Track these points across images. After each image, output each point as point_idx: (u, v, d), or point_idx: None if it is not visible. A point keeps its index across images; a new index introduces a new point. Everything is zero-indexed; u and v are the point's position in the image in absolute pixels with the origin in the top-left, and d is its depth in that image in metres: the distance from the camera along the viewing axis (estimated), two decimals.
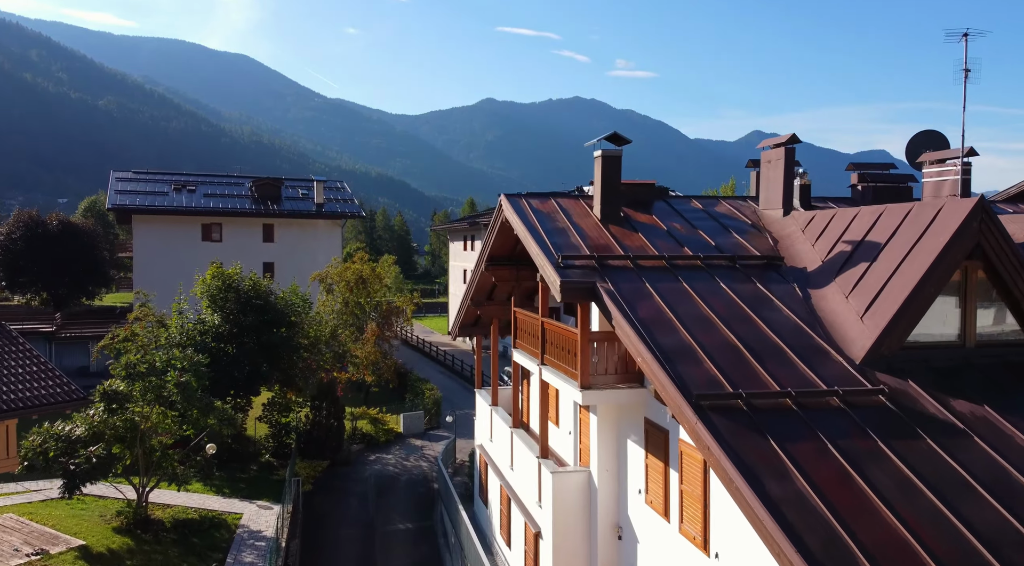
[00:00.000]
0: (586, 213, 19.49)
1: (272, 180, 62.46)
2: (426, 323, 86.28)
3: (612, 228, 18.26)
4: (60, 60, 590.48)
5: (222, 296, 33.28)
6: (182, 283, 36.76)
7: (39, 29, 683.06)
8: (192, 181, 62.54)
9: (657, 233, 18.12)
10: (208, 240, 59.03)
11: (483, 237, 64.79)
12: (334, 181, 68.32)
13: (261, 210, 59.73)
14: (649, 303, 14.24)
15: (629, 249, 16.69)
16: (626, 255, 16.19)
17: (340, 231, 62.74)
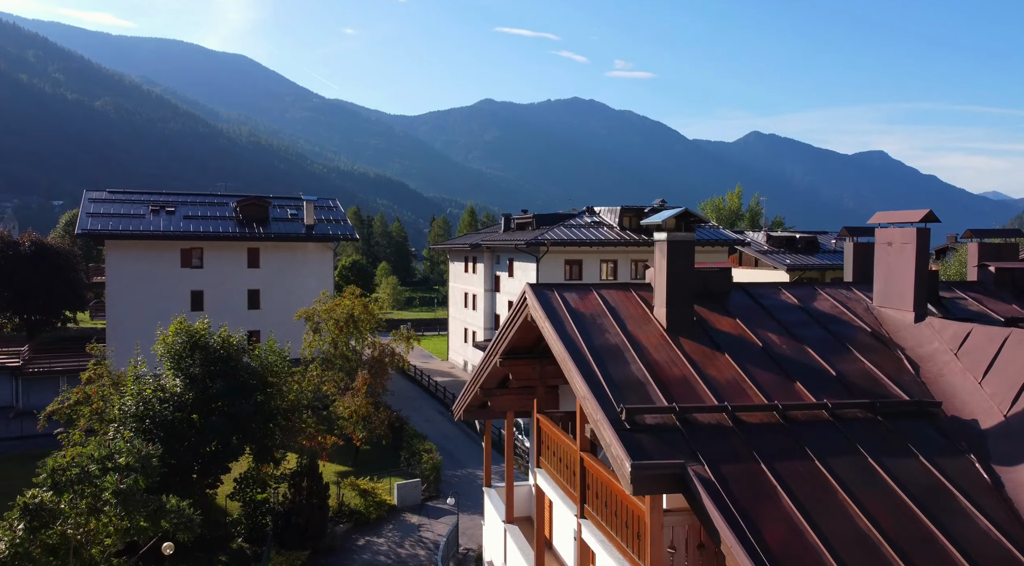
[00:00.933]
0: (644, 316, 14.29)
1: (258, 200, 57.37)
2: (424, 345, 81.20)
3: (685, 344, 13.10)
4: (57, 60, 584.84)
5: (187, 356, 28.21)
6: (140, 342, 31.62)
7: (36, 29, 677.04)
8: (172, 201, 57.43)
9: (750, 352, 12.92)
10: (188, 267, 53.98)
11: (486, 265, 59.74)
12: (325, 199, 63.22)
13: (246, 233, 54.66)
14: (774, 510, 9.02)
15: (719, 388, 11.53)
16: (720, 404, 10.97)
17: (332, 254, 57.71)
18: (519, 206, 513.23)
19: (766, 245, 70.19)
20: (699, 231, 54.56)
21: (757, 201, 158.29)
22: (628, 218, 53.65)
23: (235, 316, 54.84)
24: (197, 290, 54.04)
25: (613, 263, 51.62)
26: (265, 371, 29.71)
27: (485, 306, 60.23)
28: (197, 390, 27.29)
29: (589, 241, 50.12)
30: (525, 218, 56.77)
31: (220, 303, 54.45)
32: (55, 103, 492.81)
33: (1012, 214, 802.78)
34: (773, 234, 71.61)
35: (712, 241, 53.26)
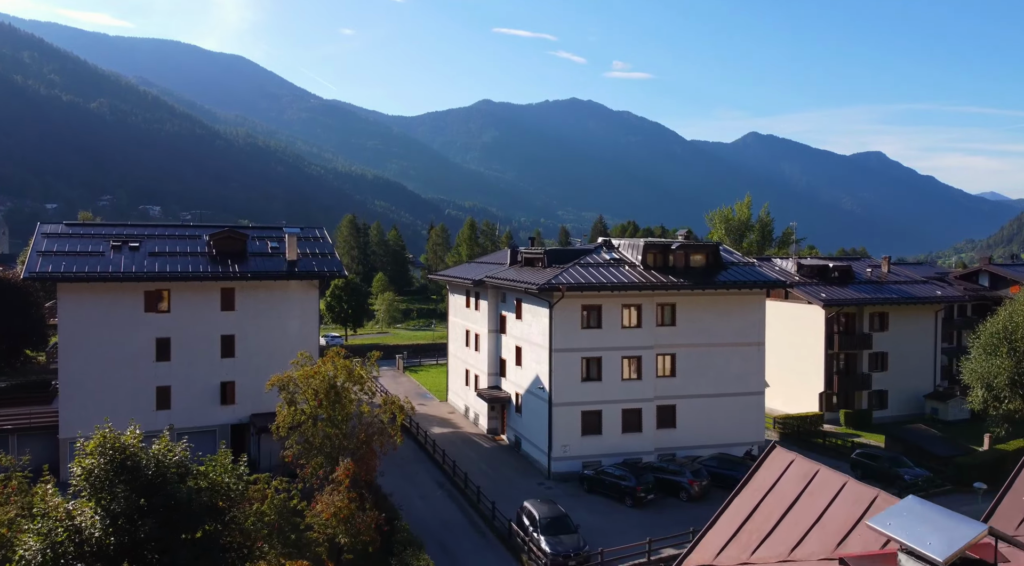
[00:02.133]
0: None
1: (234, 233, 50.57)
2: (420, 379, 74.37)
3: None
4: (53, 61, 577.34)
5: (110, 485, 21.43)
6: (49, 467, 24.86)
7: (33, 30, 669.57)
8: (137, 235, 50.64)
9: None
10: (153, 311, 47.24)
11: (490, 302, 52.97)
12: (311, 229, 56.39)
13: (219, 272, 47.92)
14: None
15: None
16: None
17: (317, 293, 51.00)
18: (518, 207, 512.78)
19: (797, 275, 63.55)
20: (732, 270, 47.90)
21: (767, 211, 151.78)
22: (652, 255, 46.98)
23: (206, 366, 48.34)
24: (163, 337, 47.39)
25: (636, 308, 44.97)
26: (214, 495, 22.96)
27: (489, 349, 53.53)
28: (120, 533, 20.54)
29: (610, 285, 43.44)
30: (534, 253, 50.02)
31: (189, 351, 47.87)
32: (50, 105, 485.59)
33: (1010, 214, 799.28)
34: (803, 262, 65.02)
35: (748, 283, 46.53)
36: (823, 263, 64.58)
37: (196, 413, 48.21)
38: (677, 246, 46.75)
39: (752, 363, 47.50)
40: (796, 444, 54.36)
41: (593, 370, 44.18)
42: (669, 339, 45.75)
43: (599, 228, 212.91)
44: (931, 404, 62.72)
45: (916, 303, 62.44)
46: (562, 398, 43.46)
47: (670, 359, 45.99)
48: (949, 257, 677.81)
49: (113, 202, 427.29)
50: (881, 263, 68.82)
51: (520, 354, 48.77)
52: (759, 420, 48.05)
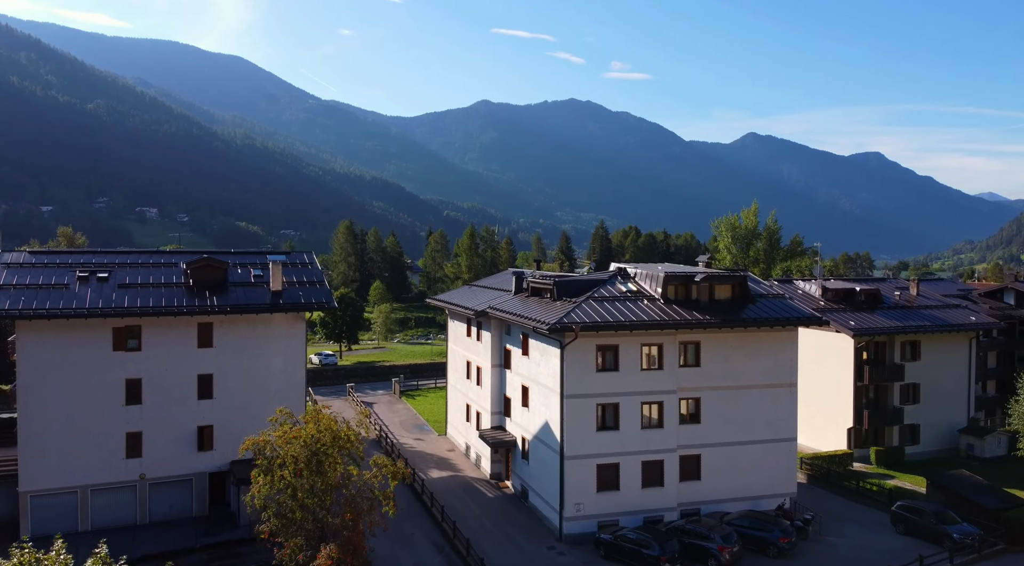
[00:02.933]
0: None
1: (213, 261, 45.81)
2: (418, 406, 69.61)
3: None
4: (50, 62, 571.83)
5: None
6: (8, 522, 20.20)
7: (30, 30, 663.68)
8: (107, 265, 45.94)
9: None
10: (123, 349, 42.57)
11: (493, 334, 48.30)
12: (298, 255, 51.64)
13: (196, 305, 43.23)
14: None
15: None
16: None
17: (304, 326, 46.32)
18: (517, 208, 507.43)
19: (822, 300, 59.06)
20: (762, 304, 43.28)
21: (774, 219, 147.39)
22: (673, 287, 42.37)
23: (182, 408, 43.73)
24: (133, 378, 42.77)
25: (657, 348, 40.35)
26: None
27: (492, 385, 48.90)
28: None
29: (629, 323, 38.81)
30: (542, 283, 45.32)
31: (163, 393, 43.27)
32: (46, 106, 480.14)
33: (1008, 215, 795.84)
34: (829, 285, 60.39)
35: (780, 320, 41.91)
36: (849, 286, 59.98)
37: (170, 461, 43.58)
38: (701, 278, 42.06)
39: (783, 406, 42.92)
40: (827, 488, 49.82)
41: (610, 418, 39.58)
42: (693, 381, 41.14)
43: (600, 234, 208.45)
44: (966, 439, 58.18)
45: (950, 331, 57.90)
46: (575, 450, 38.84)
47: (694, 403, 41.38)
48: (948, 258, 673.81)
49: (110, 204, 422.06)
50: (910, 285, 64.24)
51: (527, 394, 44.15)
52: (791, 469, 43.45)
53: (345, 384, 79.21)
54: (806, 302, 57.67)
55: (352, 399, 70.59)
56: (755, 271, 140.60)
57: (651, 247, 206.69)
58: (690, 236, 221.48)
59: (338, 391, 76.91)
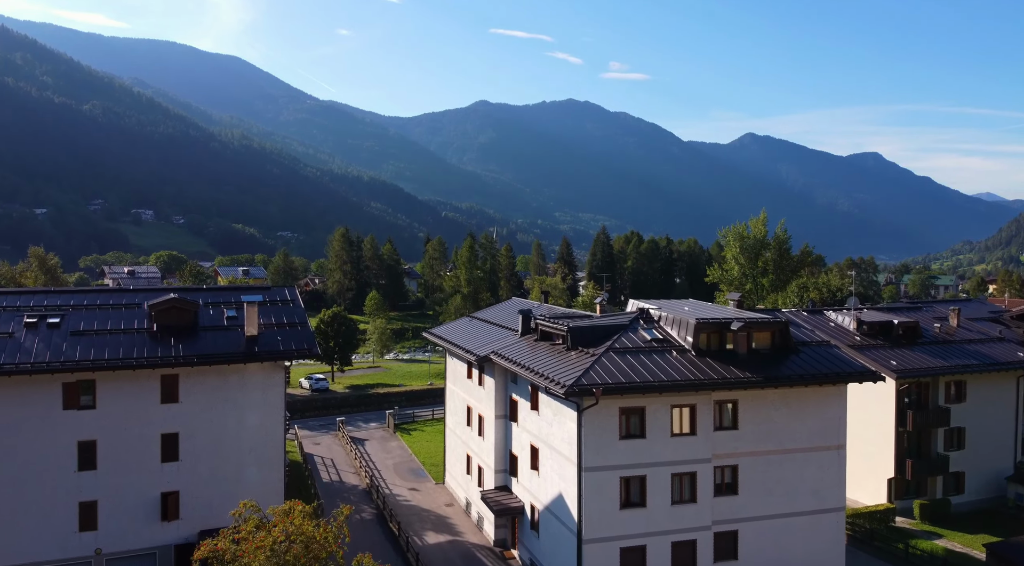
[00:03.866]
0: None
1: (181, 303, 40.08)
2: (413, 444, 63.74)
3: None
4: (46, 63, 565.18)
5: None
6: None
7: (27, 31, 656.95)
8: (60, 307, 40.25)
9: None
10: (74, 407, 36.96)
11: (497, 381, 42.51)
12: (278, 291, 45.86)
13: (159, 357, 37.53)
14: None
15: None
16: None
17: (282, 376, 40.63)
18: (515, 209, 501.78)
19: (857, 334, 53.40)
20: (806, 354, 37.64)
21: (783, 227, 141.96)
22: (706, 336, 36.73)
23: (143, 473, 38.05)
24: (87, 440, 37.18)
25: (690, 409, 34.70)
26: None
27: (496, 438, 43.24)
28: None
29: (658, 385, 33.16)
30: (554, 327, 39.49)
31: (121, 456, 37.64)
32: (41, 107, 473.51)
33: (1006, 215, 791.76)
34: (864, 317, 54.72)
35: (831, 376, 36.27)
36: (887, 319, 54.30)
37: (130, 533, 37.93)
38: (739, 326, 36.34)
39: (831, 472, 37.30)
40: (871, 552, 44.24)
41: (635, 492, 33.91)
42: (730, 446, 35.52)
43: (602, 239, 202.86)
44: (1015, 488, 52.60)
45: (998, 370, 52.32)
46: (595, 532, 33.18)
47: (731, 472, 35.74)
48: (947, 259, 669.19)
49: (105, 206, 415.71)
50: (949, 315, 58.57)
51: (536, 456, 38.49)
52: (838, 543, 37.82)
53: (336, 415, 73.61)
54: (840, 337, 52.10)
55: (342, 435, 64.89)
56: (764, 282, 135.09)
57: (653, 254, 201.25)
58: (693, 242, 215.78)
59: (328, 423, 71.21)
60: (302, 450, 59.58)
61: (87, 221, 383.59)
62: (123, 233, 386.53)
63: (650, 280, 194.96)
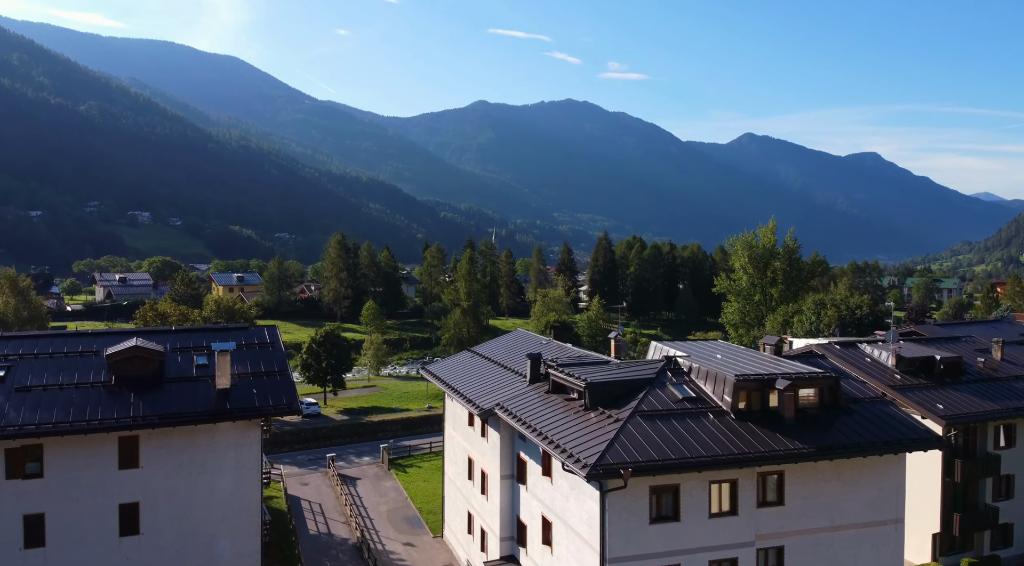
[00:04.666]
0: None
1: (143, 352, 34.91)
2: (409, 485, 58.44)
3: None
4: (42, 63, 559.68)
5: None
6: None
7: (23, 31, 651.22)
8: (6, 358, 35.11)
9: None
10: (18, 477, 31.93)
11: (503, 436, 36.96)
12: (257, 332, 40.67)
13: (114, 418, 32.48)
14: None
15: None
16: None
17: (259, 434, 35.53)
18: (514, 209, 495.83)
19: (897, 372, 48.37)
20: (860, 413, 32.61)
21: (792, 236, 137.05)
22: (745, 394, 31.67)
23: (98, 549, 32.93)
24: (34, 514, 32.19)
25: (730, 485, 29.67)
26: None
27: (502, 502, 38.12)
28: None
29: (696, 461, 28.11)
30: (570, 380, 34.24)
31: (73, 530, 32.61)
32: (37, 108, 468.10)
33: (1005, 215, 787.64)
34: (904, 352, 49.65)
35: (889, 444, 31.23)
36: (928, 354, 49.23)
37: None
38: (786, 386, 31.24)
39: (887, 551, 32.35)
40: None
41: None
42: (775, 525, 30.48)
43: (604, 245, 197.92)
44: None
45: None
46: None
47: (775, 555, 30.73)
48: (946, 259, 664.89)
49: (101, 208, 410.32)
50: (993, 347, 53.51)
51: (549, 531, 33.44)
52: None
53: (326, 447, 68.62)
54: (877, 374, 47.14)
55: (332, 474, 59.77)
56: (773, 292, 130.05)
57: (656, 260, 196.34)
58: (696, 248, 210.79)
59: (318, 457, 66.08)
60: (287, 494, 54.50)
61: (82, 223, 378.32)
62: (119, 236, 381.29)
63: (653, 286, 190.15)
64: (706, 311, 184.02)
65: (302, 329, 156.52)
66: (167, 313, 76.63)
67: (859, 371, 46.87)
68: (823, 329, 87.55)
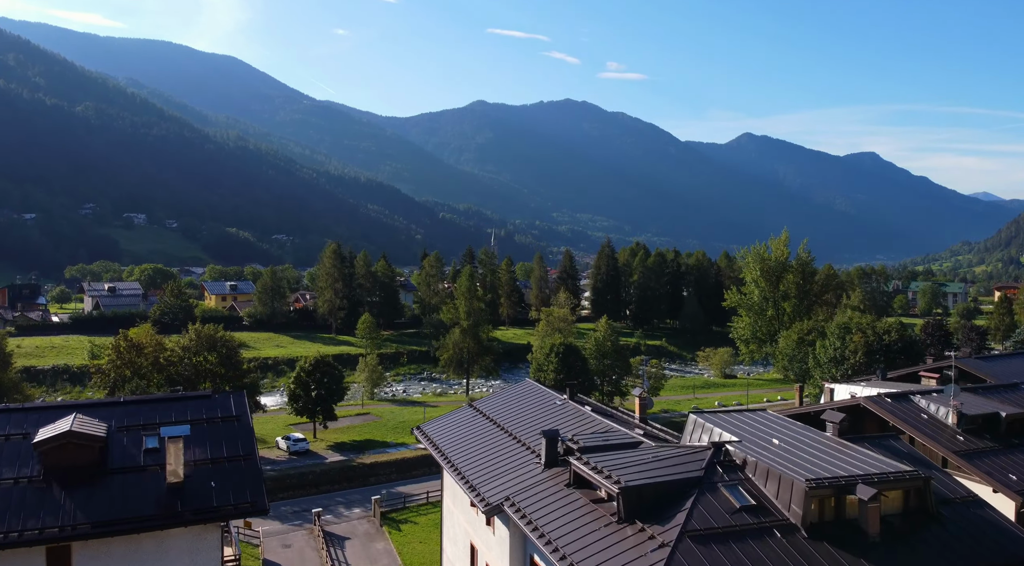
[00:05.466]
0: None
1: (81, 438, 28.48)
2: (403, 547, 51.96)
3: None
4: (38, 64, 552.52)
5: None
6: None
7: (20, 31, 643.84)
8: None
9: None
10: None
11: (512, 531, 30.77)
12: (221, 401, 34.11)
13: (39, 530, 26.10)
14: None
15: None
16: None
17: (218, 535, 29.19)
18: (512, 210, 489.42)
19: (959, 433, 42.03)
20: (952, 523, 26.20)
21: (805, 248, 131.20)
22: (818, 502, 25.28)
23: None
24: None
25: None
26: None
27: None
28: None
29: None
30: (597, 476, 27.75)
31: None
32: (32, 109, 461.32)
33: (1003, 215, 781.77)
34: (966, 409, 43.22)
35: None
36: (992, 410, 42.96)
37: None
38: (870, 496, 24.82)
39: None
40: None
41: None
42: None
43: (607, 252, 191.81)
44: None
45: None
46: None
47: None
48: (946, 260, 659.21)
49: (96, 211, 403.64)
50: None
51: None
52: None
53: (314, 495, 62.31)
54: (936, 435, 40.94)
55: (317, 532, 53.36)
56: (786, 306, 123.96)
57: (660, 267, 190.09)
58: (701, 255, 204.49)
59: (304, 509, 59.63)
60: (265, 563, 48.13)
61: (77, 226, 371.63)
62: (114, 239, 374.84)
63: (657, 294, 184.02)
64: (712, 320, 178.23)
65: (295, 342, 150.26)
66: (143, 344, 70.19)
67: (916, 431, 40.92)
68: (848, 356, 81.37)
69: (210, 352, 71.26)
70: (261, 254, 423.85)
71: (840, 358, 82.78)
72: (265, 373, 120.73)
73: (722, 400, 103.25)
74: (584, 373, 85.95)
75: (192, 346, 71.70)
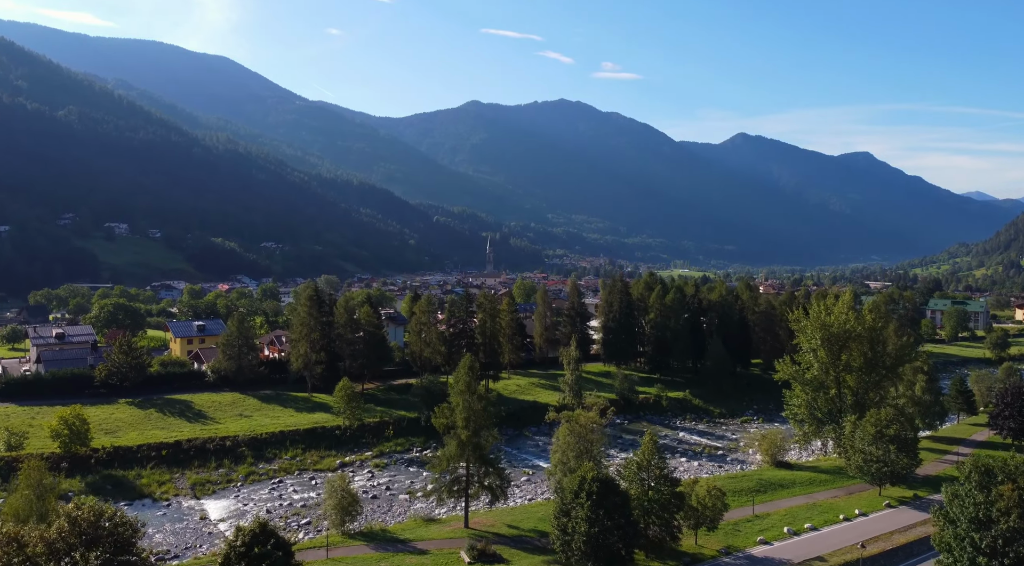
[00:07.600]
0: None
1: None
2: None
3: None
4: (22, 66, 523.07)
5: None
6: None
7: (7, 31, 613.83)
8: None
9: None
10: None
11: None
12: None
13: None
14: None
15: None
16: None
17: None
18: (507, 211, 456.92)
19: None
20: None
21: (872, 309, 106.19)
22: None
23: None
24: None
25: None
26: None
27: None
28: None
29: None
30: None
31: None
32: (11, 114, 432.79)
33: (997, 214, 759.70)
34: None
35: None
36: None
37: None
38: None
39: None
40: None
41: None
42: None
43: (619, 287, 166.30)
44: None
45: None
46: None
47: None
48: (944, 261, 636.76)
49: (76, 221, 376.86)
50: None
51: None
52: None
53: None
54: None
55: None
56: (848, 379, 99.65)
57: (679, 304, 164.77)
58: (722, 287, 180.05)
59: None
60: None
61: (54, 239, 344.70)
62: (92, 251, 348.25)
63: (675, 334, 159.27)
64: (736, 359, 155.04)
65: (263, 408, 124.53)
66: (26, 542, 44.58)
67: None
68: (997, 517, 56.41)
69: (90, 549, 45.47)
70: (248, 265, 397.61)
71: (985, 520, 57.22)
72: (219, 461, 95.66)
73: (788, 512, 78.21)
74: (625, 515, 60.72)
75: (61, 542, 45.94)
